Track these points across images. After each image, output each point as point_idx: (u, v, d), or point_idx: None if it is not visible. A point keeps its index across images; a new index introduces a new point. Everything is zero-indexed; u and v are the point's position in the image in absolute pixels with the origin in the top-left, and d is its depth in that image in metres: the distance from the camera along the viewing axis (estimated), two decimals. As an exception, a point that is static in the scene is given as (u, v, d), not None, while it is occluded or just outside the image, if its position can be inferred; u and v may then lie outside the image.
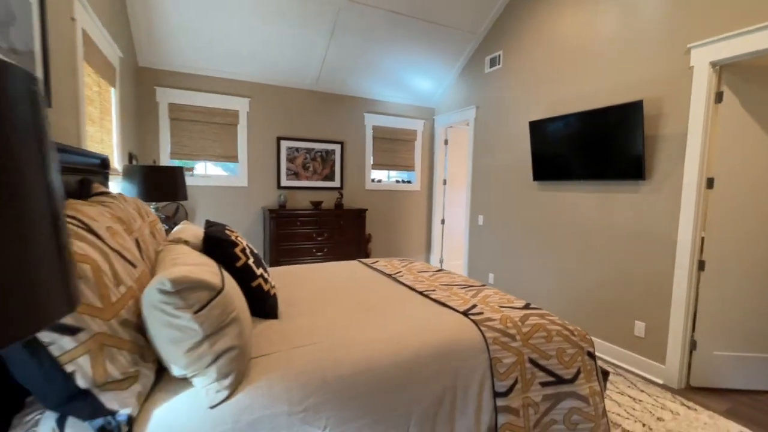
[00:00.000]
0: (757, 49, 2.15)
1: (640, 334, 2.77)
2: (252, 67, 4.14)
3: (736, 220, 2.44)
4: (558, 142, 3.26)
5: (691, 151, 2.45)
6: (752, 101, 2.38)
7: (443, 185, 5.31)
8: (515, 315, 1.55)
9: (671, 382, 2.57)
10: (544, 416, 1.41)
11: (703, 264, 2.49)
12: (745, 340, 2.50)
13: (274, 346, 1.25)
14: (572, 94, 3.26)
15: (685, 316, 2.51)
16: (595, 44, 3.06)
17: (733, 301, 2.48)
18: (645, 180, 2.73)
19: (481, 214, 4.39)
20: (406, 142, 5.22)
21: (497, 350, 1.38)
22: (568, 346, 1.51)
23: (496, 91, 4.14)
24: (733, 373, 2.52)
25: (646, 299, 2.73)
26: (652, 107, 2.68)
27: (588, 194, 3.14)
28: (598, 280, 3.07)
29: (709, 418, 2.20)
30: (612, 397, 2.40)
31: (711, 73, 2.37)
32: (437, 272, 2.35)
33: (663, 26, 2.62)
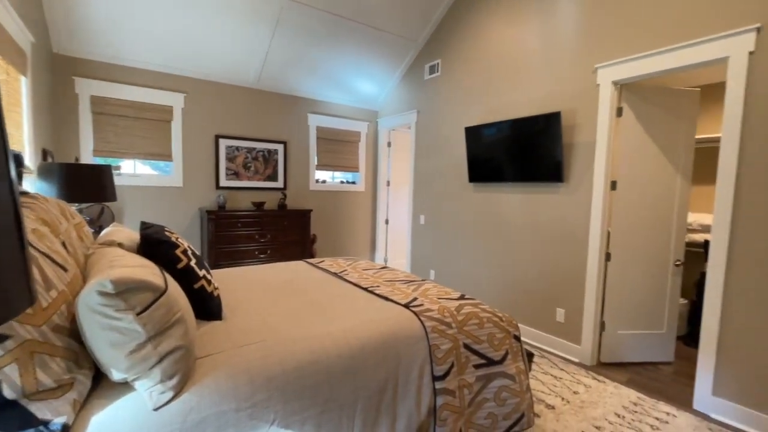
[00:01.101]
0: (647, 72, 2.55)
1: (560, 320, 3.11)
2: (188, 62, 3.93)
3: (633, 217, 2.85)
4: (490, 147, 3.54)
5: (599, 158, 2.82)
6: (644, 116, 2.81)
7: (387, 186, 5.46)
8: (451, 305, 1.69)
9: (585, 359, 2.93)
10: (477, 395, 1.56)
11: (610, 255, 2.87)
12: (641, 319, 2.93)
13: (220, 346, 1.25)
14: (503, 103, 3.56)
15: (596, 302, 2.87)
16: (522, 59, 3.38)
17: (632, 286, 2.89)
18: (563, 182, 3.07)
19: (422, 214, 4.60)
20: (350, 143, 5.29)
21: (435, 338, 1.50)
22: (497, 331, 1.68)
23: (435, 97, 4.37)
24: (633, 349, 2.94)
25: (565, 288, 3.08)
26: (568, 118, 3.03)
27: (517, 195, 3.45)
28: (525, 272, 3.39)
29: (614, 388, 2.56)
30: (537, 377, 2.68)
31: (613, 91, 2.75)
32: (381, 269, 2.45)
33: (575, 47, 2.98)
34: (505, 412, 1.61)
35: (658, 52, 2.48)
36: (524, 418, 1.65)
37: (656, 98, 2.81)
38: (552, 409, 2.27)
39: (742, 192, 2.17)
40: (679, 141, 2.85)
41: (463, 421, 1.51)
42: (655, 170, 2.85)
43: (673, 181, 2.86)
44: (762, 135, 2.09)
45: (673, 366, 2.94)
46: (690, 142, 2.86)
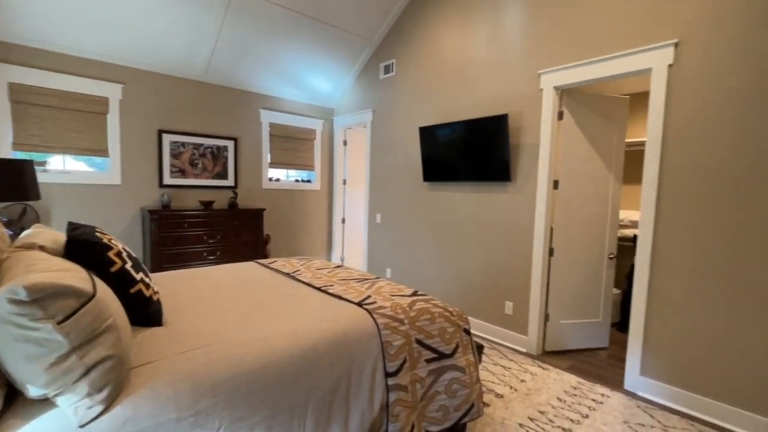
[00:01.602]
0: (583, 79, 2.74)
1: (509, 312, 3.27)
2: (127, 49, 3.65)
3: (572, 214, 3.06)
4: (444, 147, 3.64)
5: (543, 159, 2.99)
6: (582, 120, 3.02)
7: (343, 185, 5.42)
8: (404, 302, 1.71)
9: (532, 349, 3.10)
10: (429, 389, 1.60)
11: (553, 251, 3.05)
12: (580, 309, 3.15)
13: (160, 353, 1.18)
14: (456, 104, 3.67)
15: (541, 294, 3.05)
16: (473, 63, 3.50)
17: (572, 279, 3.10)
18: (511, 182, 3.23)
19: (378, 213, 4.62)
20: (305, 141, 5.19)
21: (388, 334, 1.51)
22: (448, 326, 1.73)
23: (390, 96, 4.40)
24: (573, 337, 3.16)
25: (513, 282, 3.24)
26: (515, 120, 3.18)
27: (469, 194, 3.57)
28: (476, 268, 3.52)
29: (557, 374, 2.73)
30: (488, 368, 2.80)
31: (554, 96, 2.93)
32: (336, 269, 2.43)
33: (520, 53, 3.13)
34: (456, 404, 1.66)
35: (592, 62, 2.68)
36: (474, 408, 1.71)
37: (592, 104, 3.03)
38: (501, 398, 2.38)
39: (664, 191, 2.40)
40: (611, 144, 3.09)
41: (415, 415, 1.54)
42: (591, 171, 3.07)
43: (606, 180, 3.11)
44: (679, 139, 2.33)
45: (608, 351, 3.19)
46: (621, 145, 3.12)
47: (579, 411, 2.27)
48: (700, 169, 2.26)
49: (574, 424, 2.13)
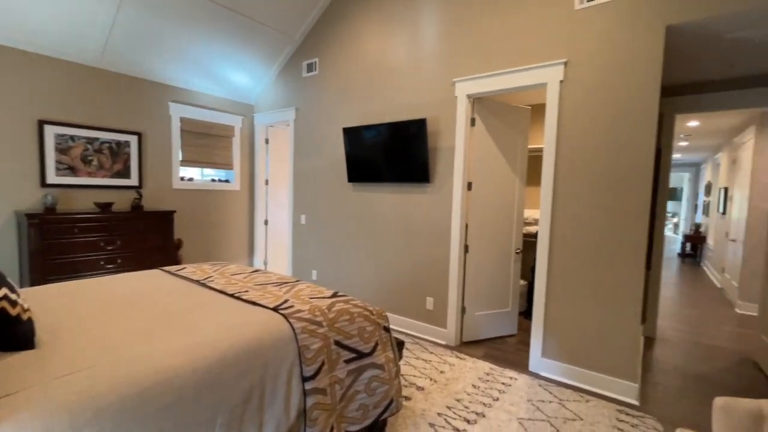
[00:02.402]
0: (492, 89, 2.98)
1: (430, 308, 3.42)
2: (-9, 23, 3.07)
3: (484, 214, 3.31)
4: (368, 148, 3.68)
5: (458, 162, 3.19)
6: (491, 127, 3.28)
7: (265, 185, 5.20)
8: (323, 304, 1.70)
9: (451, 341, 3.28)
10: (348, 389, 1.60)
11: (468, 247, 3.27)
12: (492, 301, 3.42)
13: (30, 380, 1.01)
14: (379, 106, 3.74)
15: (458, 289, 3.24)
16: (395, 66, 3.60)
17: (485, 273, 3.36)
18: (430, 183, 3.38)
19: (303, 214, 4.52)
20: (222, 138, 4.87)
21: (305, 338, 1.49)
22: (367, 325, 1.75)
23: (314, 95, 4.33)
24: (487, 327, 3.41)
25: (433, 279, 3.40)
26: (433, 125, 3.34)
27: (392, 194, 3.66)
28: (399, 267, 3.62)
29: (472, 363, 2.93)
30: (410, 362, 2.90)
31: (467, 103, 3.14)
32: (252, 273, 2.32)
33: (437, 61, 3.30)
34: (376, 401, 1.69)
35: (500, 73, 2.92)
36: (393, 403, 1.76)
37: (500, 112, 3.31)
38: (422, 390, 2.48)
39: (557, 193, 2.71)
40: (516, 149, 3.41)
41: (334, 417, 1.53)
42: (500, 173, 3.35)
43: (513, 182, 3.42)
44: (568, 147, 2.65)
45: (517, 337, 3.51)
46: (524, 150, 3.45)
47: (491, 395, 2.46)
48: (579, 173, 2.60)
49: (486, 408, 2.31)
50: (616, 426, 2.17)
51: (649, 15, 2.33)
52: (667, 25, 2.28)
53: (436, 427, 2.07)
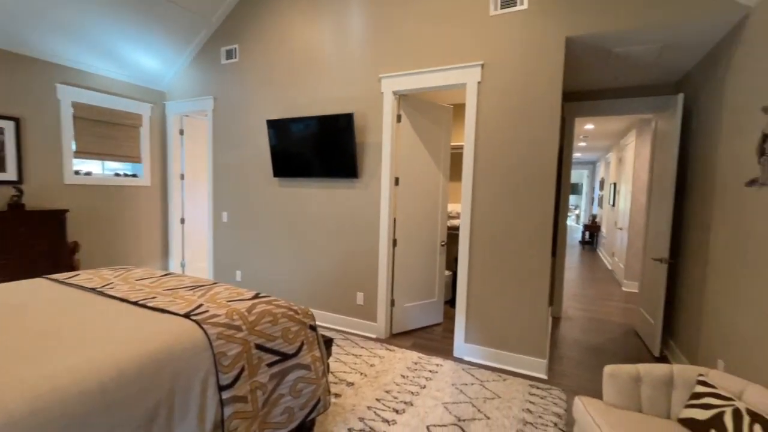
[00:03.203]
0: (415, 87, 3.06)
1: (360, 303, 3.43)
2: None
3: (411, 208, 3.40)
4: (293, 142, 3.55)
5: (385, 157, 3.23)
6: (417, 123, 3.37)
7: (181, 180, 4.76)
8: (242, 306, 1.60)
9: (381, 334, 3.33)
10: (272, 394, 1.53)
11: (396, 241, 3.34)
12: (420, 292, 3.54)
13: None
14: (305, 98, 3.62)
15: (387, 282, 3.30)
16: (322, 59, 3.51)
17: (412, 265, 3.46)
18: (358, 178, 3.38)
19: (225, 211, 4.23)
20: (128, 127, 4.34)
21: (222, 344, 1.38)
22: (292, 325, 1.69)
23: (234, 84, 4.06)
24: (415, 317, 3.53)
25: (363, 273, 3.41)
26: (360, 120, 3.33)
27: (320, 190, 3.59)
28: (329, 263, 3.58)
29: (401, 353, 3.00)
30: (340, 359, 2.88)
31: (393, 100, 3.19)
32: (163, 277, 2.10)
33: (364, 56, 3.29)
34: (302, 402, 1.64)
35: (424, 72, 3.01)
36: (321, 402, 1.73)
37: (424, 110, 3.42)
38: (352, 386, 2.48)
39: (476, 189, 2.88)
40: (440, 146, 3.56)
41: (257, 424, 1.46)
42: (425, 169, 3.47)
43: (437, 178, 3.56)
44: (486, 145, 2.83)
45: (443, 325, 3.68)
46: (447, 147, 3.61)
47: (418, 383, 2.55)
48: (495, 170, 2.79)
49: (414, 396, 2.38)
50: (528, 400, 2.38)
51: (552, 26, 2.57)
52: (567, 36, 2.53)
53: (366, 421, 2.09)
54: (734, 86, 2.26)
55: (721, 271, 2.27)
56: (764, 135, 1.88)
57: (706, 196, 2.57)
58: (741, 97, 2.16)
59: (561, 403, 2.35)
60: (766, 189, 1.84)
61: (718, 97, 2.48)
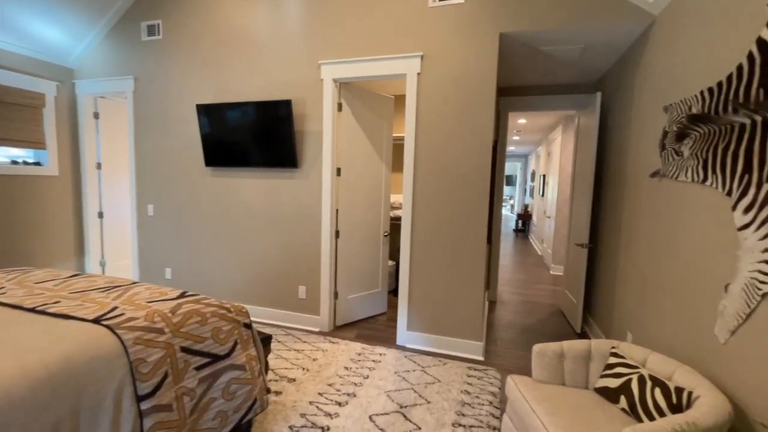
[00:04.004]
0: (356, 75, 3.00)
1: (303, 296, 3.35)
2: None
3: (354, 199, 3.37)
4: (227, 129, 3.32)
5: (326, 147, 3.14)
6: (358, 113, 3.32)
7: (97, 170, 4.26)
8: (165, 307, 1.46)
9: (324, 327, 3.28)
10: (202, 398, 1.43)
11: (339, 233, 3.28)
12: (364, 283, 3.54)
13: None
14: (240, 83, 3.39)
15: (330, 275, 3.24)
16: (257, 42, 3.30)
17: (356, 256, 3.44)
18: (299, 168, 3.26)
19: (150, 204, 3.86)
20: (26, 108, 3.76)
21: (140, 350, 1.25)
22: (224, 324, 1.59)
23: (159, 64, 3.69)
24: (359, 308, 3.52)
25: (305, 267, 3.32)
26: (300, 107, 3.20)
27: (258, 180, 3.41)
28: (269, 257, 3.43)
29: (345, 345, 2.98)
30: (282, 355, 2.79)
31: (334, 87, 3.10)
32: (70, 278, 1.86)
33: (302, 41, 3.16)
34: (236, 405, 1.55)
35: (364, 60, 2.96)
36: (257, 403, 1.65)
37: (366, 99, 3.38)
38: (293, 382, 2.41)
39: (418, 179, 2.92)
40: (382, 136, 3.55)
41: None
42: (368, 160, 3.44)
43: (380, 168, 3.55)
44: (426, 136, 2.87)
45: (387, 315, 3.72)
46: (389, 138, 3.61)
47: (361, 374, 2.55)
48: (435, 161, 2.85)
49: (357, 387, 2.38)
50: (466, 381, 2.49)
51: (487, 22, 2.65)
52: (501, 32, 2.63)
53: (308, 416, 2.04)
54: (641, 87, 2.51)
55: (630, 254, 2.54)
56: (665, 131, 2.11)
57: (618, 186, 2.85)
58: (646, 97, 2.41)
59: (496, 383, 2.49)
60: (666, 180, 2.08)
61: (629, 97, 2.74)
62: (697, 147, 1.76)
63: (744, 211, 1.41)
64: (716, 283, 1.55)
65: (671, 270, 1.95)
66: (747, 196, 1.40)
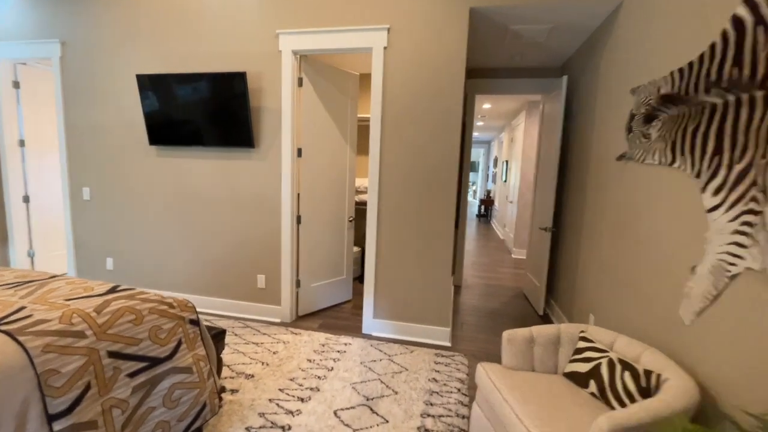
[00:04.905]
0: (318, 47, 2.77)
1: (262, 286, 3.14)
2: None
3: (317, 182, 3.17)
4: (173, 103, 2.99)
5: (285, 125, 2.91)
6: (320, 89, 3.10)
7: (20, 148, 3.74)
8: (89, 305, 1.23)
9: (286, 317, 3.10)
10: (137, 410, 1.23)
11: (300, 218, 3.09)
12: (328, 270, 3.38)
13: None
14: (187, 51, 3.04)
15: (291, 262, 3.05)
16: (208, 5, 2.96)
17: (319, 243, 3.26)
18: (255, 148, 3.00)
19: (86, 187, 3.44)
20: (-77, 73, 3.18)
21: (51, 360, 1.03)
22: (164, 322, 1.38)
23: (90, 27, 3.23)
24: (323, 297, 3.37)
25: (264, 254, 3.10)
26: (255, 81, 2.93)
27: (210, 161, 3.11)
28: (224, 244, 3.18)
29: (308, 336, 2.83)
30: (238, 349, 2.59)
31: (293, 60, 2.86)
32: (-29, 273, 1.56)
33: (257, 7, 2.86)
34: (181, 412, 1.37)
35: (326, 31, 2.73)
36: (206, 408, 1.47)
37: (328, 75, 3.15)
38: (251, 378, 2.24)
39: (384, 162, 2.77)
40: (346, 116, 3.35)
41: (116, 450, 1.16)
42: (331, 140, 3.24)
43: (344, 150, 3.37)
44: (393, 116, 2.71)
45: (352, 302, 3.60)
46: (354, 117, 3.42)
47: (326, 366, 2.42)
48: (402, 143, 2.72)
49: (321, 381, 2.25)
50: (433, 369, 2.44)
51: (457, -6, 2.51)
52: (471, 6, 2.50)
53: (267, 416, 1.89)
54: (608, 69, 2.49)
55: (593, 237, 2.56)
56: (632, 114, 2.09)
57: (582, 170, 2.86)
58: (613, 80, 2.39)
59: (464, 368, 2.45)
60: (632, 162, 2.07)
61: (595, 80, 2.73)
62: (666, 129, 1.75)
63: (713, 192, 1.40)
64: (682, 266, 1.55)
65: (636, 253, 1.96)
66: (717, 177, 1.38)
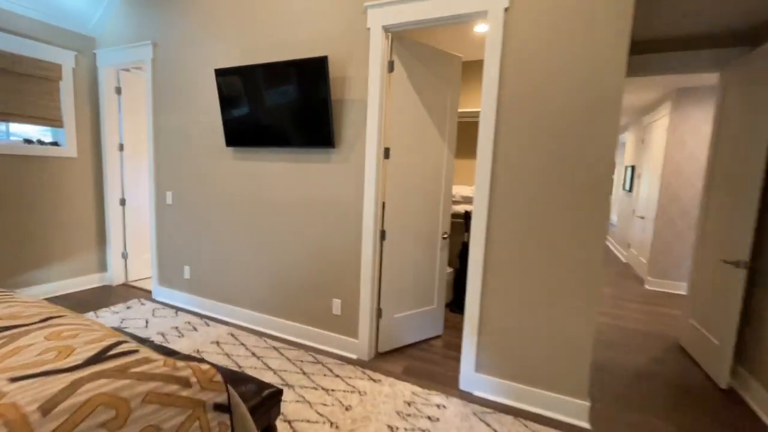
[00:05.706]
0: (417, 19, 2.16)
1: (337, 312, 2.62)
2: None
3: (405, 190, 2.55)
4: (246, 99, 2.65)
5: (371, 120, 2.35)
6: (414, 74, 2.49)
7: (119, 151, 3.82)
8: (40, 394, 0.74)
9: (363, 354, 2.53)
10: None
11: (385, 233, 2.50)
12: (414, 298, 2.73)
13: None
14: (266, 40, 2.69)
15: (372, 287, 2.48)
16: (284, -16, 2.58)
17: (406, 265, 2.64)
18: (335, 148, 2.51)
19: (169, 191, 3.32)
20: (41, 80, 3.36)
21: None
22: (170, 415, 0.86)
23: (177, 23, 3.09)
24: (408, 330, 2.73)
25: (341, 276, 2.58)
26: (337, 69, 2.44)
27: (284, 163, 2.71)
28: (299, 262, 2.73)
29: (390, 387, 2.21)
30: (305, 396, 2.07)
31: (384, 39, 2.29)
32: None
33: (344, -23, 2.37)
34: None
35: (426, -5, 2.11)
36: None
37: (425, 57, 2.53)
38: (316, 447, 1.68)
39: (498, 165, 2.04)
40: (445, 107, 2.68)
41: None
42: (424, 138, 2.60)
43: (441, 150, 2.70)
44: (515, 106, 1.97)
45: (443, 339, 2.90)
46: (455, 108, 2.74)
47: (412, 441, 1.77)
48: (529, 141, 1.95)
49: (407, 467, 1.60)
50: (574, 473, 1.62)
51: None
52: (649, -71, 1.66)
53: None
54: None
55: None
56: None
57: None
58: None
59: (624, 482, 1.59)
60: None
61: None
62: None
63: None
64: None
65: None
66: None
